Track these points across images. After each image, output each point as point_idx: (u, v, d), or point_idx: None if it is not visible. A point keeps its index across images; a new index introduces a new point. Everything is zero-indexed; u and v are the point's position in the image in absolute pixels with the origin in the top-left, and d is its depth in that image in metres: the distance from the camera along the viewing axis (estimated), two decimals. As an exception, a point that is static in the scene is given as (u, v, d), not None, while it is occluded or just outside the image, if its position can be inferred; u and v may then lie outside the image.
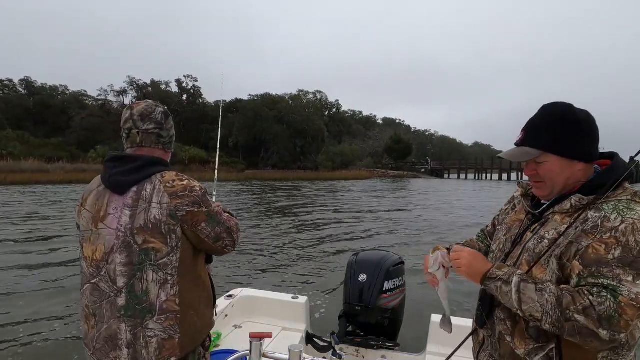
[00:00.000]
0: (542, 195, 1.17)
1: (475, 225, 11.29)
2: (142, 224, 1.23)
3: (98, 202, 1.31)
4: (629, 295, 0.90)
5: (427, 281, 1.31)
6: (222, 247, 1.37)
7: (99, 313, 1.26)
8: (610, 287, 0.92)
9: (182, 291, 1.26)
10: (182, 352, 1.27)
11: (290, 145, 54.87)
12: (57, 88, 58.16)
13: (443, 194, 25.63)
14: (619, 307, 0.89)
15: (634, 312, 0.90)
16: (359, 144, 65.11)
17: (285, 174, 44.22)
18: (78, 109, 52.04)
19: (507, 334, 1.13)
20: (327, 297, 5.13)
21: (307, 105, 63.24)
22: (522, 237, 1.16)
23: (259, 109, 53.39)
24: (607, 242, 0.95)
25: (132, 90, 57.41)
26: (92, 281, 1.28)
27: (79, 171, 33.35)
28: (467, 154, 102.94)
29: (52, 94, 56.35)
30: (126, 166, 1.29)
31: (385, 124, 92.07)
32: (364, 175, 48.73)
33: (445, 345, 2.29)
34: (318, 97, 70.23)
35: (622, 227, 0.95)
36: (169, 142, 1.41)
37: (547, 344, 1.05)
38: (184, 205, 1.25)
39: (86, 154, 41.56)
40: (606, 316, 0.89)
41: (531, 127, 1.15)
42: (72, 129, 48.40)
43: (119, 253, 1.24)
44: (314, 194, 23.89)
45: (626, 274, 0.92)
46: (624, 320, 0.89)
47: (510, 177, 51.85)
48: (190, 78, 60.90)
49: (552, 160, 1.10)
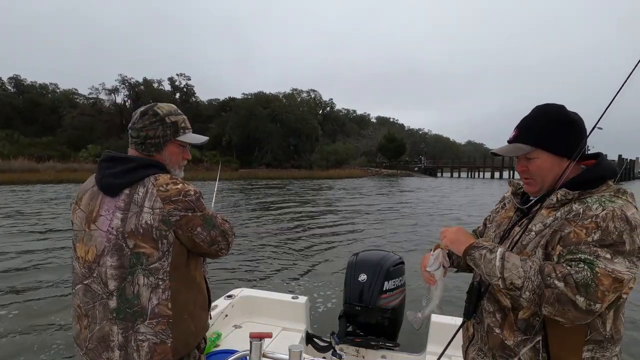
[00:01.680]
0: (531, 191, 1.20)
1: (469, 223, 11.32)
2: (132, 228, 1.21)
3: (92, 202, 1.30)
4: (606, 268, 0.93)
5: (423, 279, 1.31)
6: (217, 251, 1.35)
7: (92, 314, 1.25)
8: (588, 261, 0.95)
9: (175, 295, 1.25)
10: (174, 356, 1.26)
11: (284, 144, 54.75)
12: (47, 86, 57.36)
13: (437, 191, 25.78)
14: (595, 277, 0.92)
15: (610, 283, 0.92)
16: (353, 143, 65.20)
17: (279, 173, 44.13)
18: (69, 107, 51.34)
19: (495, 326, 1.16)
20: (327, 297, 5.13)
21: (300, 104, 63.12)
22: (510, 232, 1.20)
23: (253, 108, 53.16)
24: (587, 227, 0.99)
25: (124, 88, 56.79)
26: (84, 282, 1.27)
27: (70, 170, 32.94)
28: (461, 153, 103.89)
29: (42, 92, 55.54)
30: (119, 167, 1.27)
31: (379, 123, 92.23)
32: (357, 173, 48.84)
33: (445, 345, 2.29)
34: (312, 95, 70.20)
35: (603, 214, 0.99)
36: (141, 142, 1.32)
37: (535, 336, 1.08)
38: (177, 210, 1.23)
39: (77, 153, 41.09)
40: (583, 283, 0.92)
41: (524, 125, 1.19)
42: (62, 128, 47.80)
43: (109, 256, 1.22)
44: (310, 193, 23.88)
45: (604, 252, 0.96)
46: (600, 291, 0.92)
47: (502, 175, 52.39)
48: (183, 76, 60.52)
49: (542, 157, 1.14)
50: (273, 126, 53.56)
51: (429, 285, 1.30)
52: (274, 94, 60.55)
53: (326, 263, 7.11)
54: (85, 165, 36.49)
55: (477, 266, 1.10)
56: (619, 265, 0.94)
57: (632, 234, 0.97)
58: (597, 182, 1.09)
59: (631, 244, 0.96)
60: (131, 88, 56.73)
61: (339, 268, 6.47)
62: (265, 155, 53.07)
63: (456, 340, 1.35)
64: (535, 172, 1.15)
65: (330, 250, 8.25)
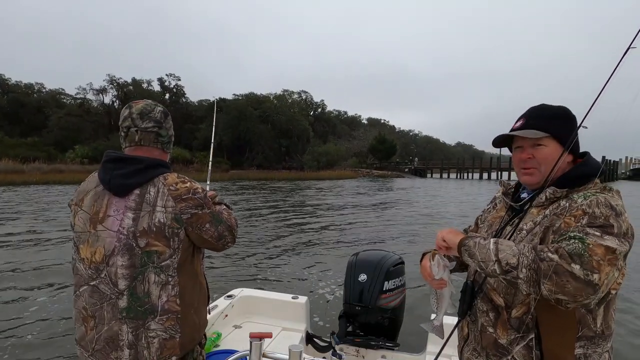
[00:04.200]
0: (532, 182, 1.21)
1: (458, 216, 11.50)
2: (145, 227, 1.23)
3: (96, 203, 1.29)
4: (596, 242, 0.95)
5: (433, 287, 1.30)
6: (223, 245, 1.38)
7: (99, 315, 1.25)
8: (578, 237, 0.97)
9: (182, 291, 1.27)
10: (182, 351, 1.29)
11: (275, 145, 54.55)
12: (33, 86, 56.10)
13: (428, 191, 26.00)
14: (587, 248, 0.94)
15: (603, 252, 0.94)
16: (344, 144, 65.32)
17: (270, 174, 43.95)
18: (55, 107, 50.35)
19: (489, 325, 1.17)
20: (327, 297, 5.12)
21: (292, 105, 63.00)
22: (502, 231, 1.22)
23: (244, 108, 52.83)
24: (575, 215, 1.03)
25: (112, 88, 55.91)
26: (90, 283, 1.27)
27: (56, 172, 32.32)
28: (450, 154, 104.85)
29: (27, 92, 54.26)
30: (128, 168, 1.27)
31: (370, 124, 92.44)
32: (348, 175, 48.93)
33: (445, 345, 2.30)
34: (303, 97, 70.06)
35: (587, 202, 1.04)
36: (167, 141, 1.39)
37: (528, 334, 1.09)
38: (188, 208, 1.26)
39: (64, 154, 40.30)
40: (576, 253, 0.93)
41: (534, 114, 1.21)
42: (49, 129, 46.79)
43: (120, 255, 1.23)
44: (304, 193, 23.85)
45: (593, 230, 0.98)
46: (595, 260, 0.92)
47: (490, 176, 53.07)
48: (173, 77, 59.87)
49: (551, 145, 1.16)
50: (264, 127, 53.34)
51: (434, 288, 1.30)
52: (264, 95, 60.40)
53: (326, 263, 7.11)
54: (72, 166, 35.85)
55: (472, 256, 1.08)
56: (609, 241, 0.96)
57: (617, 219, 1.00)
58: (584, 180, 1.12)
59: (618, 228, 0.99)
60: (119, 88, 55.87)
61: (339, 268, 6.47)
62: (256, 156, 52.81)
63: (455, 339, 1.35)
64: (542, 160, 1.16)
65: (330, 250, 8.25)
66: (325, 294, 5.28)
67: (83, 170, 34.29)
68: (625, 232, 1.00)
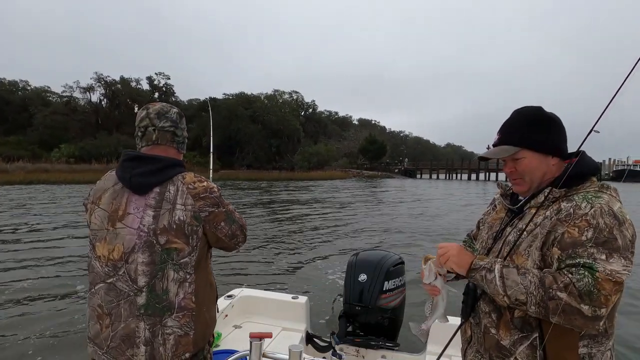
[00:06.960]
0: (521, 191, 1.24)
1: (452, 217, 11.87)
2: (165, 224, 1.25)
3: (115, 201, 1.31)
4: (605, 272, 0.97)
5: (427, 292, 1.32)
6: (235, 244, 1.41)
7: (116, 312, 1.25)
8: (587, 265, 0.98)
9: (197, 288, 1.29)
10: (195, 348, 1.30)
11: (266, 145, 54.32)
12: (17, 83, 54.89)
13: (418, 191, 26.21)
14: (597, 283, 0.96)
15: (611, 287, 0.96)
16: (335, 145, 65.45)
17: (260, 174, 43.80)
18: (40, 105, 49.26)
19: (491, 326, 1.18)
20: (327, 297, 5.10)
21: (282, 105, 62.79)
22: (503, 233, 1.23)
23: (234, 108, 52.54)
24: (579, 226, 1.03)
25: (100, 87, 54.98)
26: (107, 281, 1.27)
27: (40, 171, 31.67)
28: (440, 155, 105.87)
29: (11, 90, 53.05)
30: (147, 167, 1.30)
31: (361, 125, 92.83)
32: (338, 175, 49.11)
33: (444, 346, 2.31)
34: (294, 97, 69.90)
35: (592, 212, 1.04)
36: (182, 142, 1.43)
37: (531, 333, 1.10)
38: (206, 206, 1.29)
39: (49, 153, 39.51)
40: (586, 291, 0.95)
41: (507, 128, 1.23)
42: (33, 127, 45.83)
43: (140, 252, 1.24)
44: (296, 193, 23.86)
45: (599, 253, 0.99)
46: (603, 295, 0.95)
47: (478, 177, 54.02)
48: (163, 75, 59.24)
49: (529, 155, 1.18)
50: (255, 127, 53.08)
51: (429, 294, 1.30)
52: (255, 95, 60.14)
53: (326, 263, 7.11)
54: (57, 165, 35.17)
55: (481, 287, 1.15)
56: (616, 264, 0.98)
57: (621, 228, 1.02)
58: (581, 178, 1.14)
59: (622, 239, 1.01)
60: (107, 86, 55.01)
61: (339, 268, 6.49)
62: (247, 156, 52.54)
63: (456, 340, 1.36)
64: (524, 171, 1.19)
65: (330, 250, 8.26)
66: (325, 294, 5.27)
67: (69, 170, 33.65)
68: (631, 239, 1.03)
